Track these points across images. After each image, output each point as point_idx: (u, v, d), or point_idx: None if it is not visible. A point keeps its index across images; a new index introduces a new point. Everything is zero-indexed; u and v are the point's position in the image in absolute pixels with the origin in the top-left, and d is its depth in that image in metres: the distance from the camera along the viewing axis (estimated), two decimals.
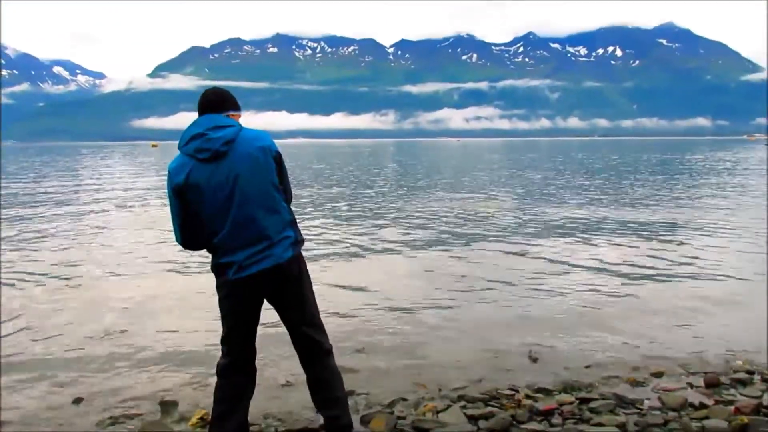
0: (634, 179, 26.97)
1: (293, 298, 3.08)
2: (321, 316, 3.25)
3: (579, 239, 10.97)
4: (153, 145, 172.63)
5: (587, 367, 4.83)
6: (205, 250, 3.06)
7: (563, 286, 7.46)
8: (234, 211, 2.88)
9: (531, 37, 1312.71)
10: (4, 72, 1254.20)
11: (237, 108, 3.12)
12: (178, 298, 7.09)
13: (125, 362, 5.05)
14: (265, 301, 3.12)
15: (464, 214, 14.55)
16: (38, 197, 20.55)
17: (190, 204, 2.92)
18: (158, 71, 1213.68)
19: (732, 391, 4.27)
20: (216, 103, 3.02)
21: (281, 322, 3.20)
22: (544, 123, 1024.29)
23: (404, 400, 4.20)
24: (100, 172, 38.96)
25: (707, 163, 41.53)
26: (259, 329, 3.14)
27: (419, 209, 15.71)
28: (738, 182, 24.09)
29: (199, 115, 3.02)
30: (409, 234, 11.83)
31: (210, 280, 3.16)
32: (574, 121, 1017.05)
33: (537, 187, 23.02)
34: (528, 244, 10.45)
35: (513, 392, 4.31)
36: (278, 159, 3.03)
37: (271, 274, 2.95)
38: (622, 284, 7.58)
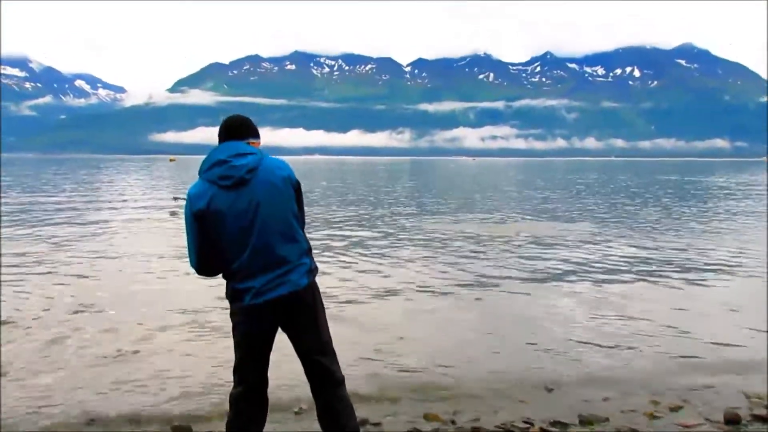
0: (652, 204, 26.81)
1: (307, 326, 3.08)
2: (333, 342, 3.22)
3: (596, 267, 10.80)
4: (171, 160, 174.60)
5: (605, 399, 4.73)
6: (220, 276, 3.08)
7: (579, 314, 7.33)
8: (254, 238, 2.92)
9: (548, 56, 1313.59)
10: (28, 85, 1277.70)
11: (257, 136, 3.19)
12: (192, 321, 6.98)
13: (137, 384, 5.00)
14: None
15: (480, 238, 14.38)
16: (48, 210, 20.88)
17: (210, 230, 2.95)
18: (178, 86, 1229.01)
19: (751, 428, 4.14)
20: (238, 130, 3.08)
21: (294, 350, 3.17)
22: (561, 143, 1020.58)
23: (417, 431, 4.14)
24: (117, 186, 39.52)
25: (728, 186, 41.10)
26: (272, 354, 3.11)
27: (434, 231, 15.63)
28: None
29: (220, 141, 3.06)
30: (423, 259, 11.67)
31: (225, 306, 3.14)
32: (591, 142, 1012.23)
33: (551, 209, 23.01)
34: (543, 271, 10.30)
35: (528, 425, 4.17)
36: (297, 188, 3.07)
37: (287, 300, 2.97)
38: (640, 313, 7.45)
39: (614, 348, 6.01)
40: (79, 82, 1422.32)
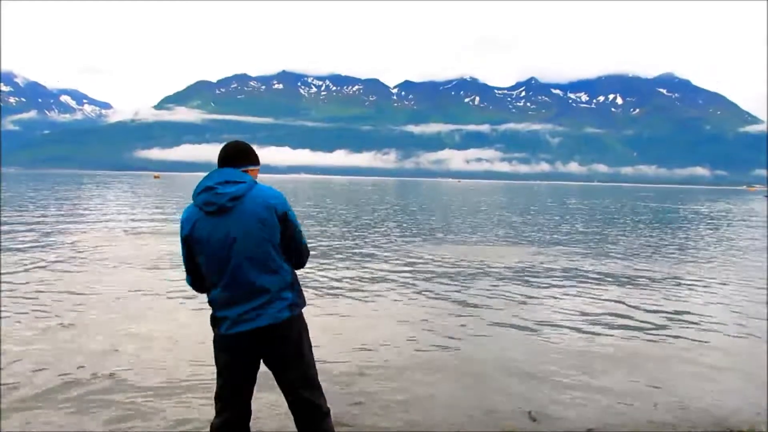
0: (634, 230, 26.91)
1: (291, 361, 3.03)
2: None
3: (582, 291, 10.79)
4: (156, 176, 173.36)
5: (589, 430, 4.71)
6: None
7: (565, 341, 7.34)
8: (231, 268, 2.89)
9: (533, 82, 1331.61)
10: (12, 99, 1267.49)
11: (255, 163, 3.16)
12: (177, 345, 6.80)
13: (115, 413, 4.83)
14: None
15: (464, 261, 14.19)
16: (24, 227, 20.47)
17: (194, 255, 3.00)
18: (164, 103, 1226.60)
19: None
20: (233, 157, 3.07)
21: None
22: (544, 167, 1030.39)
23: None
24: (95, 203, 39.02)
25: (713, 215, 41.56)
26: (257, 380, 3.08)
27: (420, 253, 15.48)
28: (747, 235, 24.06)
29: (218, 167, 3.06)
30: (406, 281, 11.49)
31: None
32: (573, 166, 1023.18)
33: (537, 233, 23.00)
34: (529, 296, 10.27)
35: None
36: (284, 218, 2.99)
37: (264, 333, 2.93)
38: (627, 341, 7.48)
39: (601, 381, 5.94)
40: (64, 98, 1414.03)
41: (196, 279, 3.08)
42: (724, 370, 6.45)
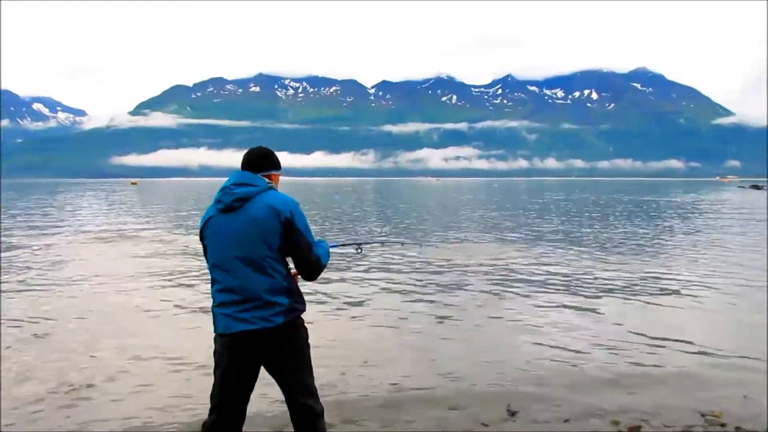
0: (615, 223, 27.50)
1: (287, 366, 3.06)
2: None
3: (558, 289, 10.80)
4: (132, 183, 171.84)
5: (566, 421, 4.75)
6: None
7: (541, 336, 7.36)
8: (229, 267, 2.98)
9: (509, 79, 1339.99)
10: None
11: (276, 168, 3.27)
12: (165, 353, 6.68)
13: (105, 411, 4.90)
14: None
15: (442, 261, 14.01)
16: None
17: (206, 250, 3.14)
18: (140, 109, 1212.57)
19: None
20: (254, 162, 3.19)
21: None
22: (522, 163, 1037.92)
23: None
24: (68, 211, 38.92)
25: (695, 205, 42.50)
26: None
27: (397, 254, 15.32)
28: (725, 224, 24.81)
29: (240, 170, 3.19)
30: (384, 281, 11.49)
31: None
32: (551, 162, 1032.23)
33: (516, 230, 23.42)
34: (507, 294, 10.25)
35: None
36: (287, 225, 3.01)
37: (256, 337, 2.95)
38: (601, 332, 7.56)
39: (575, 368, 6.04)
40: (37, 105, 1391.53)
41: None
42: (710, 356, 6.56)
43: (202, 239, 3.13)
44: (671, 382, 5.65)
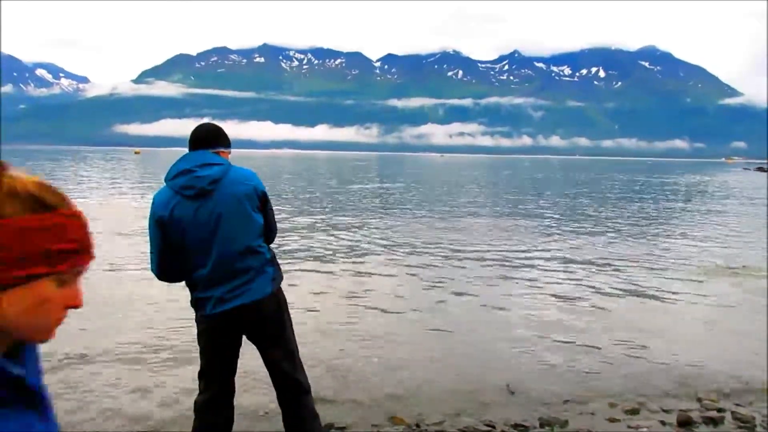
0: (618, 204, 27.58)
1: (273, 336, 3.09)
2: (299, 346, 3.23)
3: (558, 268, 10.68)
4: (136, 152, 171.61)
5: (565, 401, 4.83)
6: (183, 283, 3.09)
7: (542, 317, 7.38)
8: (215, 249, 2.93)
9: (516, 55, 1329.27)
10: None
11: (227, 145, 3.17)
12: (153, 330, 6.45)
13: (96, 389, 4.84)
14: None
15: (444, 241, 13.76)
16: None
17: (172, 237, 2.95)
18: (143, 77, 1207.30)
19: (703, 429, 4.38)
20: (206, 139, 3.06)
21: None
22: (526, 141, 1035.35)
23: None
24: (76, 179, 38.94)
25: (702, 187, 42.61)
26: (241, 356, 3.11)
27: (397, 231, 15.21)
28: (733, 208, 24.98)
29: (190, 149, 3.05)
30: (387, 259, 11.36)
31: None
32: (555, 140, 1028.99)
33: (516, 208, 23.38)
34: (507, 274, 10.12)
35: (490, 428, 4.29)
36: (263, 198, 3.06)
37: (248, 309, 2.98)
38: (602, 314, 7.57)
39: (576, 351, 6.08)
40: (40, 71, 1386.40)
41: (167, 264, 3.02)
42: (709, 334, 6.66)
43: (161, 227, 2.93)
44: (670, 367, 5.68)
